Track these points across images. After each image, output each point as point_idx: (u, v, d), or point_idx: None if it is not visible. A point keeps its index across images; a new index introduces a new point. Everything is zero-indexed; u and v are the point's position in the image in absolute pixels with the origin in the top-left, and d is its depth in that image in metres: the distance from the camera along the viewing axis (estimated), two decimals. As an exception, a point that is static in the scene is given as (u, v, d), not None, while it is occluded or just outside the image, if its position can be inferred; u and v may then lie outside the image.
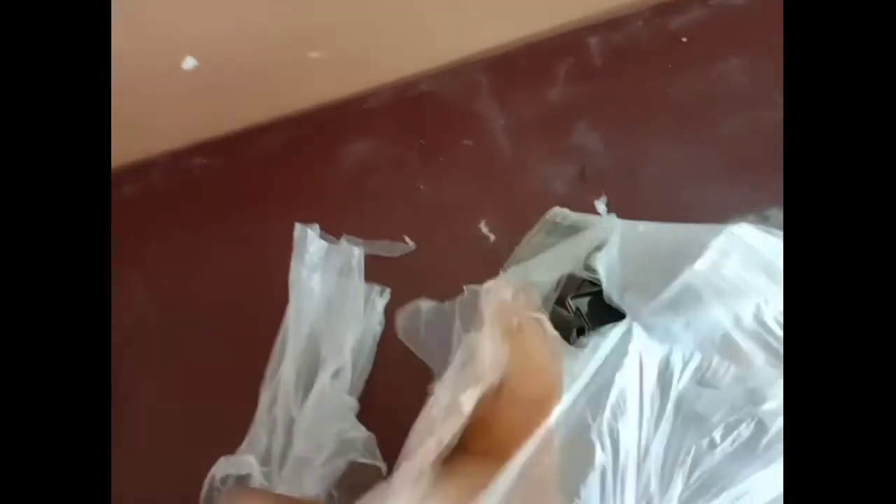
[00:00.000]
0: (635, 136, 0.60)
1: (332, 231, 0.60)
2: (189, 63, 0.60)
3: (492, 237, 0.58)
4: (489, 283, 0.42)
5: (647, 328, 0.37)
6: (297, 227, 0.57)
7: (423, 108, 0.66)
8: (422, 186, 0.62)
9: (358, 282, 0.55)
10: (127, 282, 0.62)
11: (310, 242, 0.55)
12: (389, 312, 0.56)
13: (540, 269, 0.44)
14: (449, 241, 0.59)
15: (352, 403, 0.51)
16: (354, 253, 0.55)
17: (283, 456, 0.50)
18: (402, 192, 0.62)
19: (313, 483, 0.46)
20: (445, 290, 0.56)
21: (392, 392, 0.54)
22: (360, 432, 0.48)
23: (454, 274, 0.57)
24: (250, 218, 0.65)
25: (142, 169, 0.70)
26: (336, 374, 0.52)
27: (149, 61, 0.59)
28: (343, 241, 0.57)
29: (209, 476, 0.51)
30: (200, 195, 0.68)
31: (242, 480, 0.49)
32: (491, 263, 0.55)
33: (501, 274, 0.47)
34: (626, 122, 0.61)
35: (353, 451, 0.47)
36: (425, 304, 0.48)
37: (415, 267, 0.58)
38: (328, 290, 0.55)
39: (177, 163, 0.70)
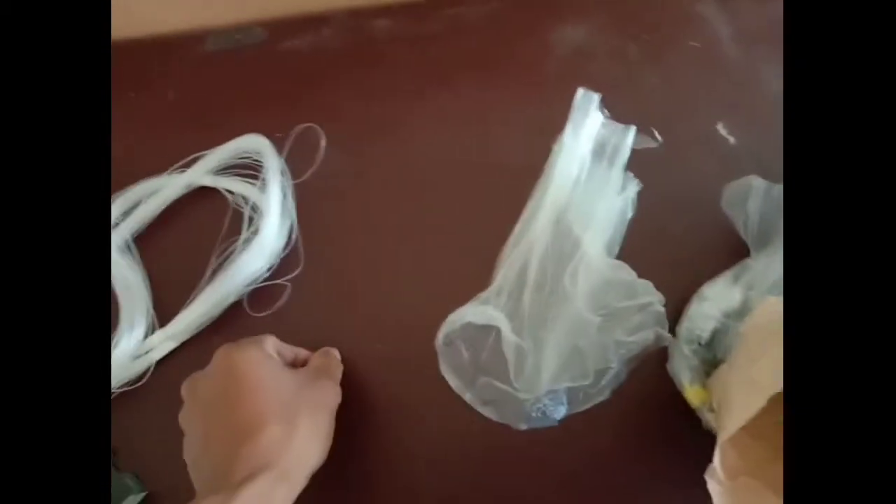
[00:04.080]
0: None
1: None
2: None
3: (731, 139, 0.55)
4: None
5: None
6: (580, 91, 0.51)
7: (638, 4, 0.62)
8: (650, 81, 0.58)
9: (620, 163, 0.50)
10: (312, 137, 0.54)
11: (592, 110, 0.50)
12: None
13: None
14: (688, 139, 0.55)
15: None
16: (628, 134, 0.50)
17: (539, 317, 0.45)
18: (629, 84, 0.58)
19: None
20: (688, 187, 0.53)
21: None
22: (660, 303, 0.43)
23: (697, 172, 0.54)
24: (444, 89, 0.58)
25: (313, 22, 0.61)
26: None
27: None
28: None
29: (447, 322, 0.45)
30: (381, 61, 0.60)
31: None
32: (731, 166, 0.53)
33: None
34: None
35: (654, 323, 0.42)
36: (757, 181, 0.44)
37: (652, 161, 0.54)
38: (593, 162, 0.50)
39: (355, 21, 0.62)
